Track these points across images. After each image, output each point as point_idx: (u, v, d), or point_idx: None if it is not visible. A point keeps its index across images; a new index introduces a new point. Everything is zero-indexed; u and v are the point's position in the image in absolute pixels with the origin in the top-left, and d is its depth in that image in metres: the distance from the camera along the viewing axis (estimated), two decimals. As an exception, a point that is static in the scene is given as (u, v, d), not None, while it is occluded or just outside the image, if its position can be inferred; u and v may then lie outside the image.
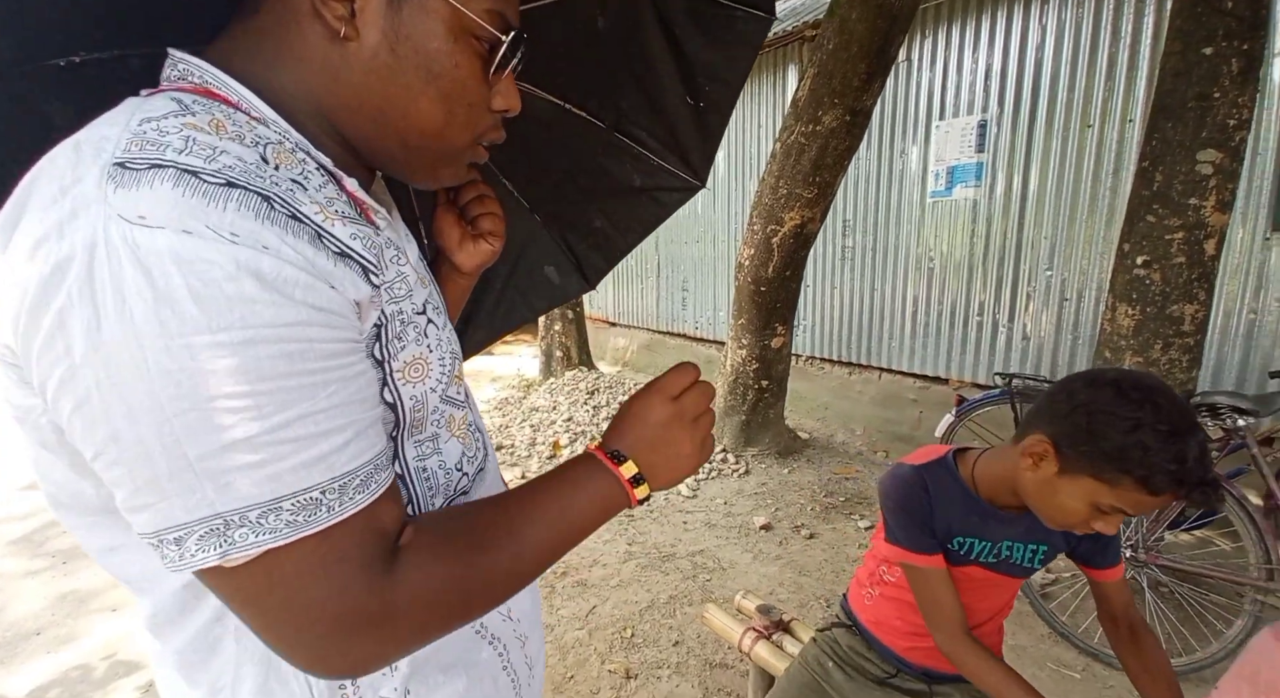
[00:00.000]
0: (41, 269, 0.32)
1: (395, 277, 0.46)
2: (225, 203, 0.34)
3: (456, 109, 0.48)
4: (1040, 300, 3.45)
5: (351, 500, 0.38)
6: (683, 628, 2.23)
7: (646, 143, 0.96)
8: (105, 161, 0.34)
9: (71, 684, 2.01)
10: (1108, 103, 3.06)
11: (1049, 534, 1.03)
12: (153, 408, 0.33)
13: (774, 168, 2.94)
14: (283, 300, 0.34)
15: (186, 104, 0.38)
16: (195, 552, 0.35)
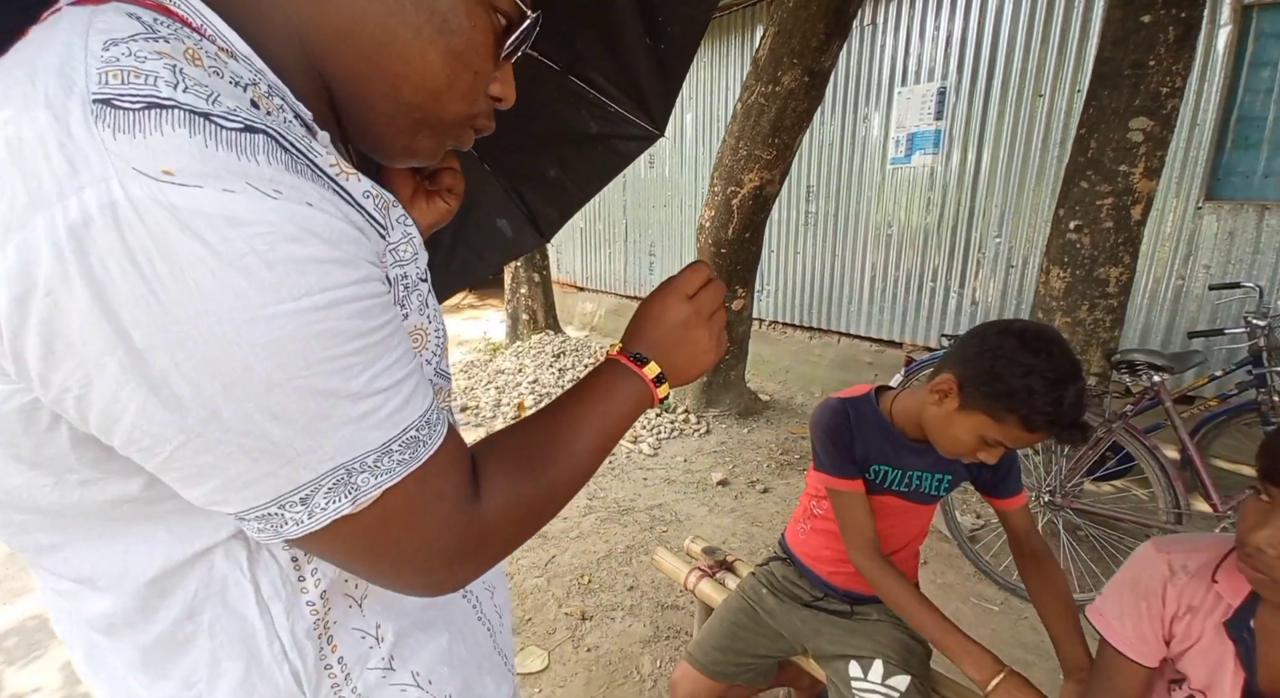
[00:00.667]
0: (48, 237, 0.27)
1: (402, 237, 0.41)
2: (255, 154, 0.30)
3: (462, 73, 0.42)
4: (989, 267, 3.58)
5: (436, 433, 0.39)
6: (638, 575, 2.34)
7: (603, 87, 0.91)
8: (82, 96, 0.28)
9: (29, 633, 2.02)
10: (1059, 73, 3.13)
11: (952, 465, 1.14)
12: (254, 381, 0.30)
13: (734, 129, 2.95)
14: (345, 257, 0.32)
15: (148, 23, 0.31)
16: (326, 505, 0.34)
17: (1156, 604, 0.82)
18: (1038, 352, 0.90)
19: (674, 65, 0.91)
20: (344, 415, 0.34)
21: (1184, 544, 0.84)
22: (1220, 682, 0.78)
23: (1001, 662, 0.97)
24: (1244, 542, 0.72)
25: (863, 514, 1.12)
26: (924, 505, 1.19)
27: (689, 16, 0.86)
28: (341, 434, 0.34)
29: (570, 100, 0.92)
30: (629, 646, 1.96)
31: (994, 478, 1.16)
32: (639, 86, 0.92)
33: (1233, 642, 0.77)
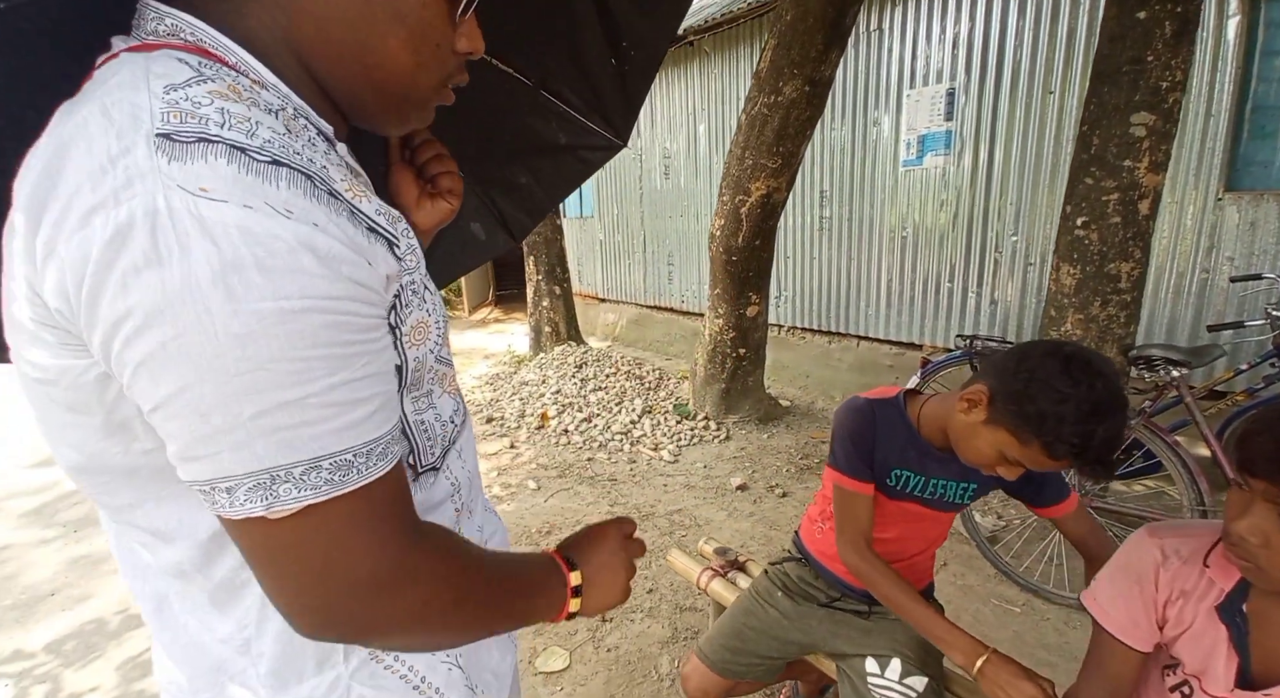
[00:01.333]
0: (100, 234, 0.33)
1: (407, 248, 0.46)
2: (277, 181, 0.36)
3: (424, 50, 0.47)
4: (1007, 266, 3.55)
5: (376, 466, 0.40)
6: (657, 578, 2.39)
7: (572, 102, 0.97)
8: (148, 131, 0.35)
9: (87, 636, 2.17)
10: (1068, 69, 3.12)
11: (978, 474, 1.09)
12: (218, 368, 0.34)
13: (740, 139, 3.02)
14: (333, 275, 0.36)
15: (195, 67, 0.39)
16: (244, 502, 0.37)
17: (1149, 589, 0.82)
18: (1078, 381, 0.85)
19: (635, 84, 0.99)
20: (283, 421, 0.36)
21: (1177, 530, 0.84)
22: (1214, 666, 0.77)
23: (984, 644, 0.99)
24: (1228, 531, 0.73)
25: (863, 514, 1.12)
26: (945, 513, 1.17)
27: (651, 43, 0.94)
28: (275, 438, 0.36)
29: (541, 113, 0.98)
30: (647, 646, 2.01)
31: (1030, 488, 1.12)
32: (604, 102, 0.99)
33: (1225, 626, 0.77)
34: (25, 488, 3.50)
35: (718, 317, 3.67)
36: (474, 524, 0.65)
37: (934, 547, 1.26)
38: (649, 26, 0.92)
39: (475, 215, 1.06)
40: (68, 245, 0.34)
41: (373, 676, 0.53)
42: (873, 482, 1.12)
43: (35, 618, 2.28)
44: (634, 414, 4.07)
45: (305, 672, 0.51)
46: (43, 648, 2.11)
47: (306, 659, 0.51)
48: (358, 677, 0.52)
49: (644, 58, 0.95)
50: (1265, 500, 0.68)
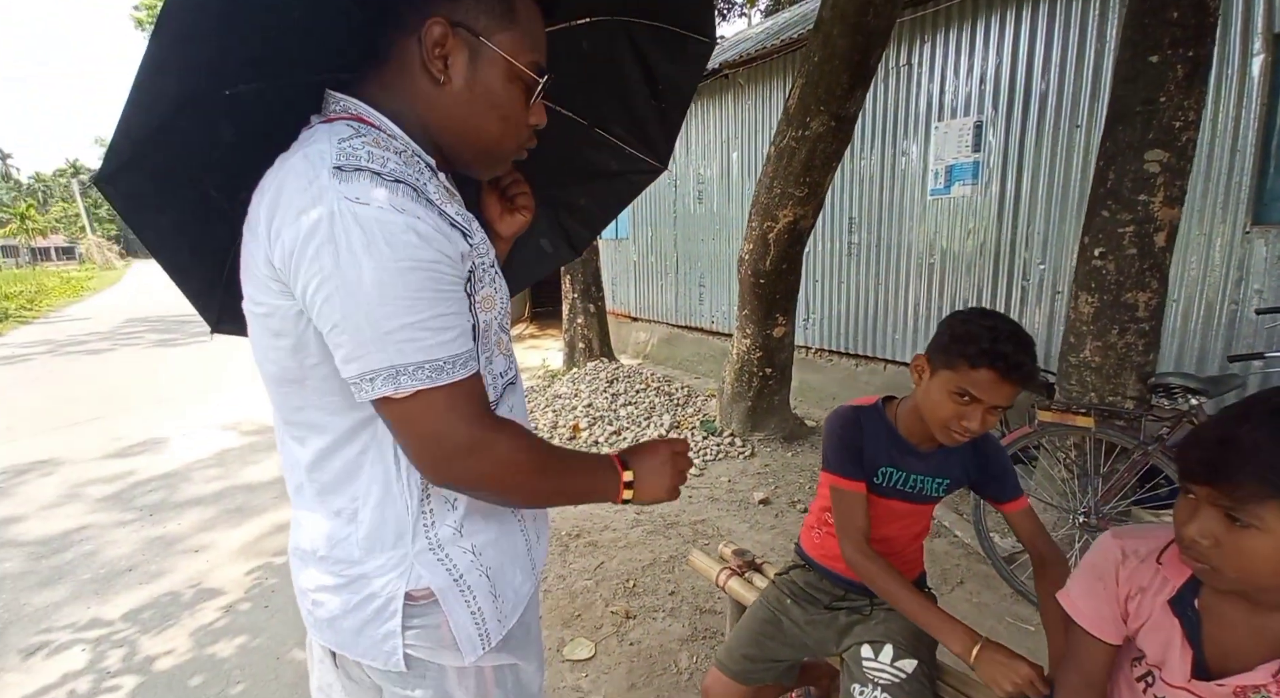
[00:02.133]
0: (304, 225, 0.57)
1: (480, 239, 0.68)
2: (398, 191, 0.58)
3: (509, 126, 0.73)
4: (1034, 294, 3.60)
5: (460, 371, 0.61)
6: (679, 582, 2.50)
7: (621, 136, 1.16)
8: (329, 165, 0.58)
9: (162, 607, 2.40)
10: (1094, 105, 3.21)
11: (949, 469, 1.25)
12: (366, 302, 0.56)
13: (769, 169, 3.18)
14: (428, 246, 0.58)
15: (356, 129, 0.63)
16: (380, 387, 0.58)
17: (1111, 585, 0.89)
18: (976, 312, 1.10)
19: (672, 117, 1.17)
20: (404, 336, 0.57)
21: (1137, 532, 0.92)
22: (1171, 657, 0.82)
23: (978, 634, 1.09)
24: (1180, 536, 0.76)
25: (859, 513, 1.24)
26: (925, 506, 1.29)
27: (681, 85, 1.13)
28: (398, 346, 0.58)
29: (596, 146, 1.17)
30: (668, 643, 2.13)
31: (989, 480, 1.26)
32: (647, 133, 1.18)
33: (1178, 619, 0.82)
34: (104, 475, 3.83)
35: (745, 337, 3.80)
36: None
37: (920, 539, 1.36)
38: (679, 72, 1.11)
39: (544, 232, 1.26)
40: (288, 232, 0.58)
41: (427, 562, 0.71)
42: (864, 480, 1.24)
43: (113, 590, 2.53)
44: (662, 429, 4.21)
45: (386, 544, 0.70)
46: (120, 617, 2.34)
47: (388, 534, 0.70)
48: (419, 559, 0.70)
49: (677, 97, 1.14)
50: (1210, 504, 0.72)
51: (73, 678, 2.01)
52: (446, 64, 0.68)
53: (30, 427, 4.89)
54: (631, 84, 1.09)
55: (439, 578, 0.71)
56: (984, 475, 1.26)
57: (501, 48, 0.69)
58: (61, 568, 2.71)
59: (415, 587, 0.70)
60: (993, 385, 1.06)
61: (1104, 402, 2.32)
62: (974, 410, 1.09)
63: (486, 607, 0.74)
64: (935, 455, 1.24)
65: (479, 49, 0.69)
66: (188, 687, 1.95)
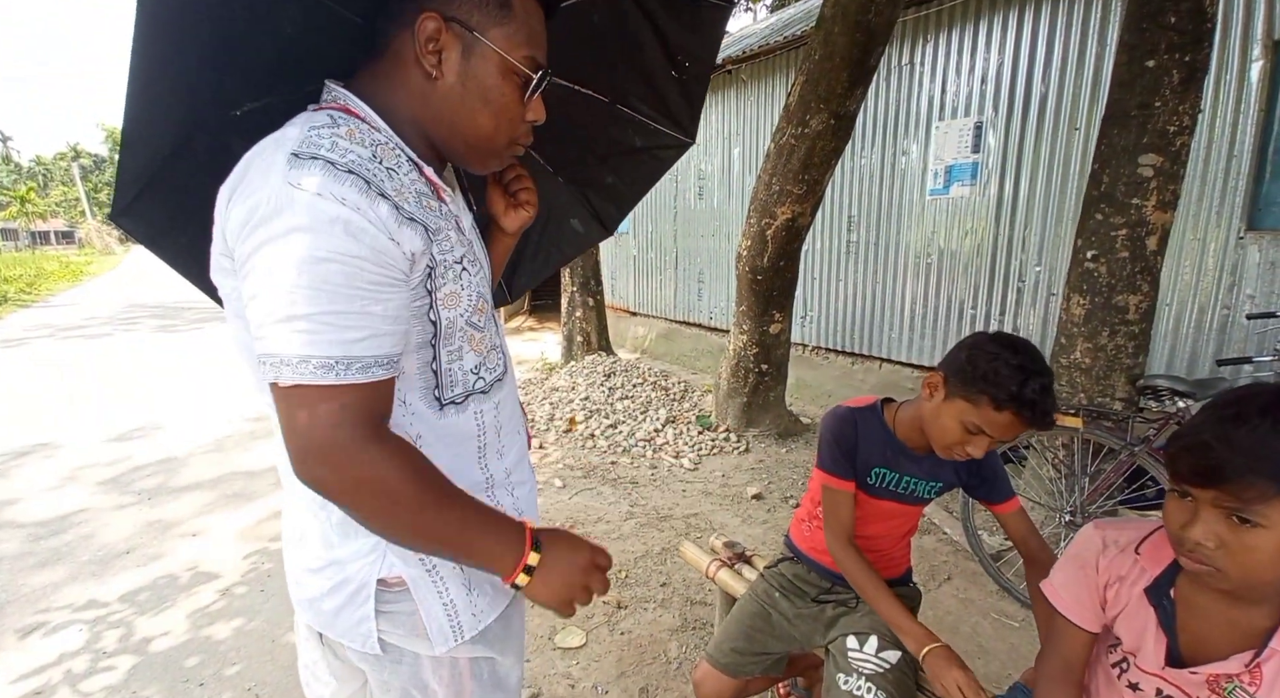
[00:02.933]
0: (249, 205, 0.58)
1: (449, 237, 0.68)
2: (343, 182, 0.58)
3: (501, 122, 0.72)
4: (1030, 296, 3.62)
5: (354, 375, 0.58)
6: (670, 573, 2.53)
7: (643, 111, 1.15)
8: (287, 151, 0.59)
9: (159, 589, 2.43)
10: (1093, 107, 3.22)
11: (942, 472, 1.27)
12: (273, 284, 0.57)
13: (768, 166, 3.20)
14: (354, 241, 0.57)
15: (335, 118, 0.63)
16: (268, 372, 0.58)
17: (1091, 573, 0.92)
18: (1005, 346, 1.06)
19: (694, 89, 1.14)
20: (296, 326, 0.56)
21: (1117, 524, 0.95)
22: (1146, 645, 0.84)
23: (935, 636, 1.16)
24: (1181, 539, 0.75)
25: (846, 511, 1.28)
26: (915, 507, 1.32)
27: (701, 55, 1.10)
28: (288, 337, 0.57)
29: (619, 123, 1.16)
30: (658, 633, 2.16)
31: (980, 483, 1.28)
32: (670, 108, 1.16)
33: (1154, 608, 0.83)
34: (103, 459, 3.85)
35: (742, 333, 3.82)
36: (502, 465, 0.83)
37: (908, 537, 1.39)
38: (697, 41, 1.08)
39: (574, 212, 1.26)
40: (236, 211, 0.60)
41: (401, 551, 0.71)
42: (854, 480, 1.27)
43: (110, 572, 2.55)
44: (658, 423, 4.24)
45: (359, 530, 0.70)
46: (117, 598, 2.37)
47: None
48: (392, 547, 0.70)
49: (697, 67, 1.12)
50: (1213, 506, 0.71)
51: (69, 658, 2.04)
52: (440, 59, 0.69)
53: (30, 410, 4.91)
54: (649, 57, 1.07)
55: (411, 567, 0.72)
56: (976, 478, 1.28)
57: (496, 43, 0.69)
58: (59, 550, 2.73)
59: (388, 574, 0.71)
60: (1010, 427, 1.06)
61: (1093, 403, 2.35)
62: (980, 441, 1.09)
63: (459, 599, 0.74)
64: (929, 459, 1.26)
65: (473, 44, 0.69)
66: (184, 667, 1.98)
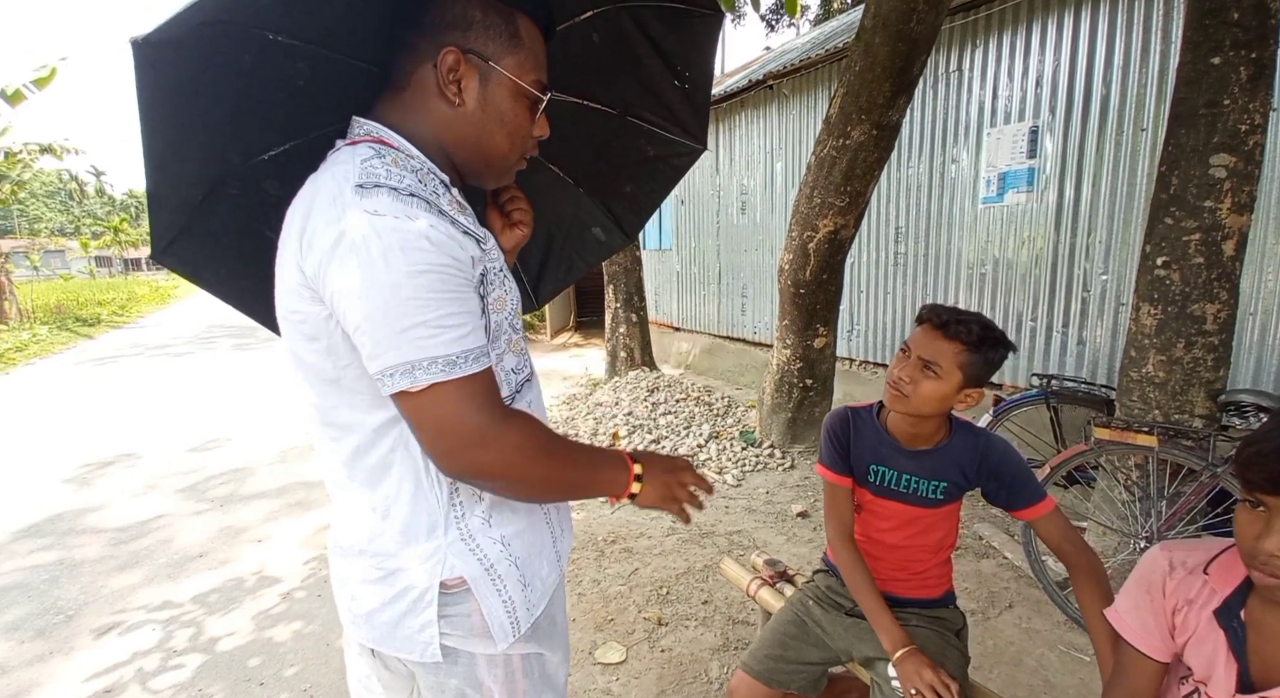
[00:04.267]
0: (330, 236, 0.63)
1: (491, 246, 0.74)
2: (411, 204, 0.64)
3: (515, 140, 0.80)
4: (1096, 306, 3.42)
5: (472, 365, 0.65)
6: (712, 591, 2.49)
7: (652, 121, 1.20)
8: (352, 183, 0.64)
9: (228, 591, 2.57)
10: (1159, 107, 3.05)
11: (946, 471, 1.26)
12: (383, 304, 0.61)
13: (809, 179, 3.16)
14: (438, 252, 0.63)
15: (377, 150, 0.69)
16: (399, 381, 0.63)
17: (1159, 597, 0.87)
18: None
19: (698, 97, 1.18)
20: (417, 333, 0.62)
21: (1185, 545, 0.89)
22: (1216, 671, 0.80)
23: (910, 640, 1.21)
24: (1254, 552, 0.73)
25: (844, 505, 1.35)
26: (931, 509, 1.28)
27: (697, 62, 1.13)
28: (413, 343, 0.62)
29: (631, 134, 1.21)
30: (699, 652, 2.13)
31: (999, 487, 1.24)
32: (677, 116, 1.20)
33: (1223, 631, 0.80)
34: (181, 469, 4.14)
35: (785, 347, 3.76)
36: None
37: (942, 553, 1.35)
38: (691, 49, 1.11)
39: (595, 220, 1.31)
40: (318, 242, 0.64)
41: (459, 552, 0.75)
42: (850, 475, 1.34)
43: (185, 574, 2.72)
44: (701, 438, 4.20)
45: (420, 536, 0.75)
46: (190, 600, 2.52)
47: (421, 527, 0.75)
48: (452, 549, 0.75)
49: (697, 75, 1.15)
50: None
51: (141, 656, 2.17)
52: (460, 88, 0.75)
53: (117, 422, 5.32)
54: (650, 69, 1.12)
55: (471, 567, 0.75)
56: (991, 481, 1.25)
57: (509, 70, 0.76)
58: (139, 553, 2.94)
59: (449, 576, 0.74)
60: (925, 341, 1.18)
61: (1169, 420, 2.19)
62: (906, 365, 1.21)
63: (516, 595, 0.78)
64: (927, 455, 1.27)
65: (489, 73, 0.76)
66: (246, 667, 2.08)
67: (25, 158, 11.58)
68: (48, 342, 10.26)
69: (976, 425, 1.33)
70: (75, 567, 2.81)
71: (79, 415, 5.61)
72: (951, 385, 1.18)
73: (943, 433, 1.30)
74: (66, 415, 5.63)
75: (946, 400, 1.20)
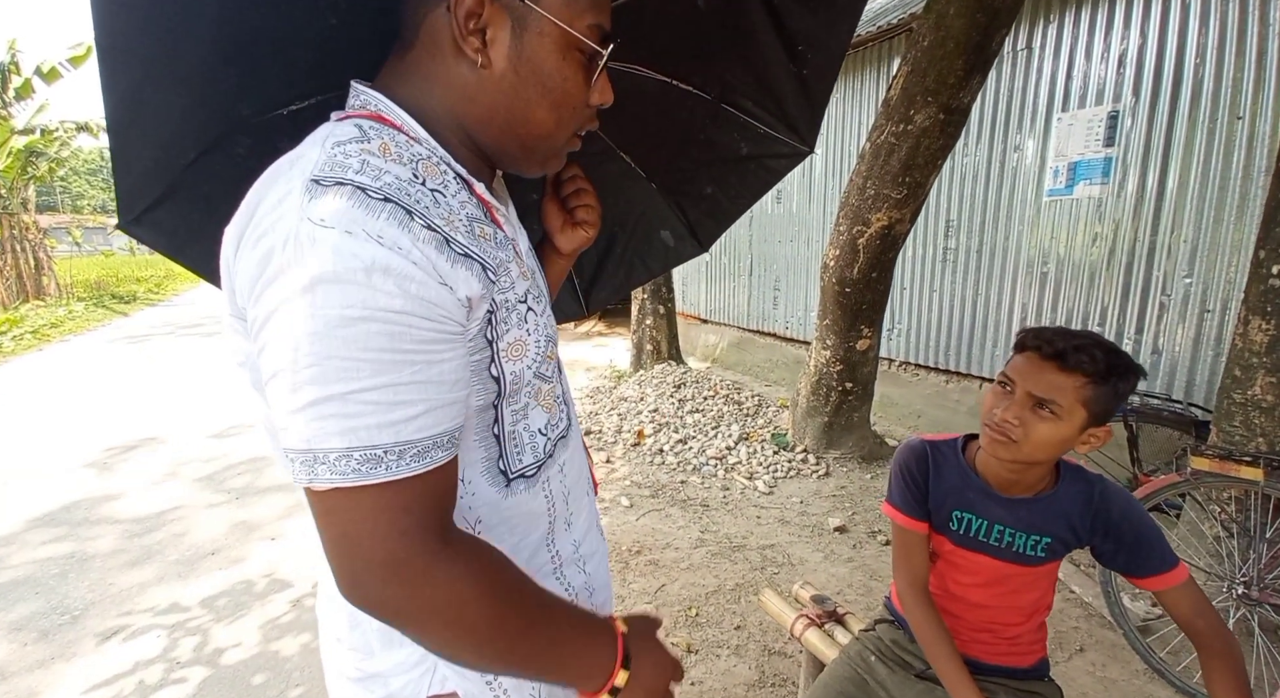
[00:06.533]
0: (259, 252, 0.45)
1: (505, 271, 0.53)
2: (379, 213, 0.44)
3: (564, 113, 0.58)
4: (1176, 311, 3.11)
5: (408, 465, 0.44)
6: (745, 614, 2.31)
7: (753, 112, 1.00)
8: (306, 178, 0.45)
9: (237, 595, 2.47)
10: (1258, 93, 2.70)
11: (1051, 525, 1.06)
12: (293, 358, 0.42)
13: (862, 168, 2.89)
14: (398, 292, 0.43)
15: (364, 130, 0.50)
16: (298, 472, 0.45)
17: None
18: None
19: (818, 87, 0.97)
20: (327, 410, 0.42)
21: None
22: None
23: None
24: None
25: (919, 555, 1.15)
26: (1028, 568, 1.09)
27: (827, 42, 0.92)
28: (320, 425, 0.43)
29: (723, 126, 1.01)
30: (733, 687, 1.95)
31: (1117, 547, 1.04)
32: (786, 110, 1.00)
33: None
34: (202, 455, 4.08)
35: (825, 348, 3.52)
36: (570, 539, 0.67)
37: (1039, 615, 1.16)
38: (822, 25, 0.89)
39: (666, 223, 1.12)
40: (246, 258, 0.46)
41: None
42: (927, 521, 1.14)
43: (196, 574, 2.64)
44: (730, 440, 4.00)
45: (404, 639, 0.55)
46: (198, 603, 2.43)
47: None
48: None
49: (823, 59, 0.93)
50: None
51: (144, 667, 2.07)
52: (484, 40, 0.54)
53: (142, 404, 5.33)
54: (764, 47, 0.90)
55: (468, 681, 0.58)
56: (1108, 541, 1.05)
57: (552, 12, 0.54)
58: (151, 548, 2.86)
59: (439, 690, 0.58)
60: (1030, 370, 0.99)
61: (1275, 450, 1.92)
62: (1006, 399, 1.01)
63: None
64: (1027, 505, 1.08)
65: (525, 16, 0.54)
66: (250, 684, 1.97)
67: (63, 135, 11.72)
68: (83, 318, 10.46)
69: (1089, 470, 1.11)
70: (86, 561, 2.74)
71: (108, 395, 5.64)
72: (1074, 427, 0.97)
73: (1049, 479, 1.09)
74: (95, 395, 5.66)
75: (1066, 444, 0.99)
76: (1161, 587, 1.02)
